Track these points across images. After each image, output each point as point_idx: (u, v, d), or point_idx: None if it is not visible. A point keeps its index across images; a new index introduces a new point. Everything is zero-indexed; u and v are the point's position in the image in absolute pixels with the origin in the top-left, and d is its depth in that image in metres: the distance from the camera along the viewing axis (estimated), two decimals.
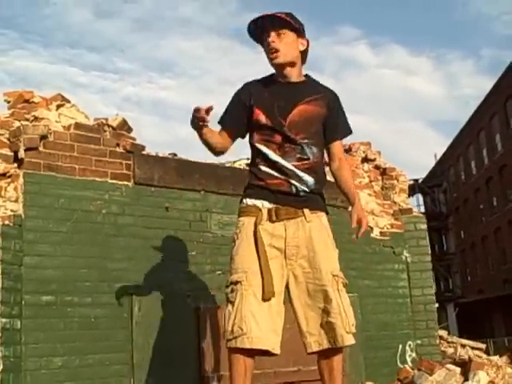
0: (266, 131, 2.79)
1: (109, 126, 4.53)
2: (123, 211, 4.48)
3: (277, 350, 2.67)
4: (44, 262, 4.05)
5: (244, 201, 2.83)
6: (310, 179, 2.79)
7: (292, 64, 2.85)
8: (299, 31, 2.85)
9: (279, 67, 2.85)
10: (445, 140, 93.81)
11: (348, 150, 6.29)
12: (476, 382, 3.85)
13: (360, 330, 5.26)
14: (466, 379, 4.00)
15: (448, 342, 6.92)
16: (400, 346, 5.99)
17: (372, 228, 6.19)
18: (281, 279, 2.72)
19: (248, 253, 2.69)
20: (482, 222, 33.91)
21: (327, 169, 2.95)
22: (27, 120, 4.25)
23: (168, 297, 4.48)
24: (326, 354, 2.74)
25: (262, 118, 2.79)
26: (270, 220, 2.74)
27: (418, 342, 6.09)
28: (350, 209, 2.96)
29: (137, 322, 4.33)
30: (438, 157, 41.69)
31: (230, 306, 2.66)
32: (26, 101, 4.35)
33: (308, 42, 2.90)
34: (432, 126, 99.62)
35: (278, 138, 2.77)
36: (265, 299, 2.64)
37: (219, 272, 4.72)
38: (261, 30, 2.82)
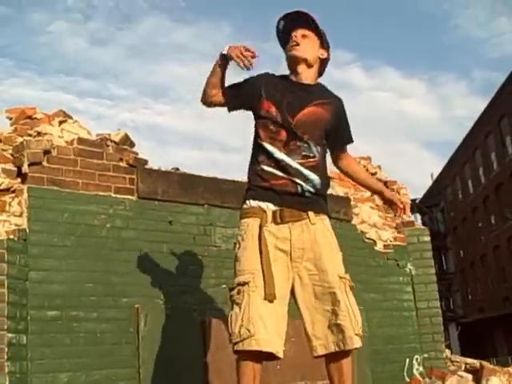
0: (272, 127, 2.78)
1: (111, 140, 4.53)
2: (127, 225, 4.46)
3: (281, 354, 2.62)
4: (49, 276, 4.02)
5: (247, 202, 2.79)
6: (315, 177, 2.78)
7: (307, 63, 2.87)
8: (322, 41, 2.91)
9: (293, 60, 2.87)
10: (440, 161, 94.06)
11: None
12: None
13: (367, 344, 5.21)
14: None
15: (452, 361, 6.82)
16: (407, 360, 5.92)
17: (375, 241, 6.18)
18: (286, 281, 2.69)
19: (254, 254, 2.66)
20: (481, 240, 33.86)
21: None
22: (30, 135, 4.25)
23: (173, 311, 4.44)
24: (334, 358, 2.69)
25: (273, 111, 2.79)
26: (275, 222, 2.72)
27: (425, 355, 6.00)
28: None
29: (143, 336, 4.27)
30: (435, 176, 41.80)
31: (236, 308, 2.61)
32: (29, 117, 4.35)
33: (329, 55, 2.95)
34: (427, 147, 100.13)
35: (284, 135, 2.77)
36: (268, 301, 2.60)
37: (224, 286, 4.68)
38: (288, 30, 2.87)
